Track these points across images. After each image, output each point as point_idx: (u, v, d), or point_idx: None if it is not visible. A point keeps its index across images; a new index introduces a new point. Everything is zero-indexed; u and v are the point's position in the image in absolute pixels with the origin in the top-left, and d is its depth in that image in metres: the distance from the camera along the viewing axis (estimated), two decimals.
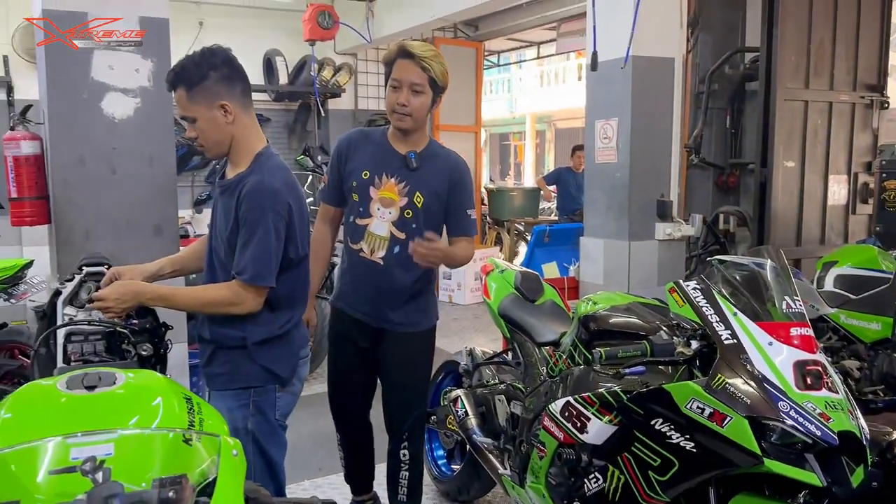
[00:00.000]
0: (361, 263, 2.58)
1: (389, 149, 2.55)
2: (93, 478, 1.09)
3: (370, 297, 2.60)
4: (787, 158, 4.44)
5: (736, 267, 2.17)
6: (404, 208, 2.53)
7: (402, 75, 2.43)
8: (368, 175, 2.53)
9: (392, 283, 2.58)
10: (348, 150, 2.60)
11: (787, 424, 1.77)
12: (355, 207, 2.57)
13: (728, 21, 4.93)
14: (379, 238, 2.55)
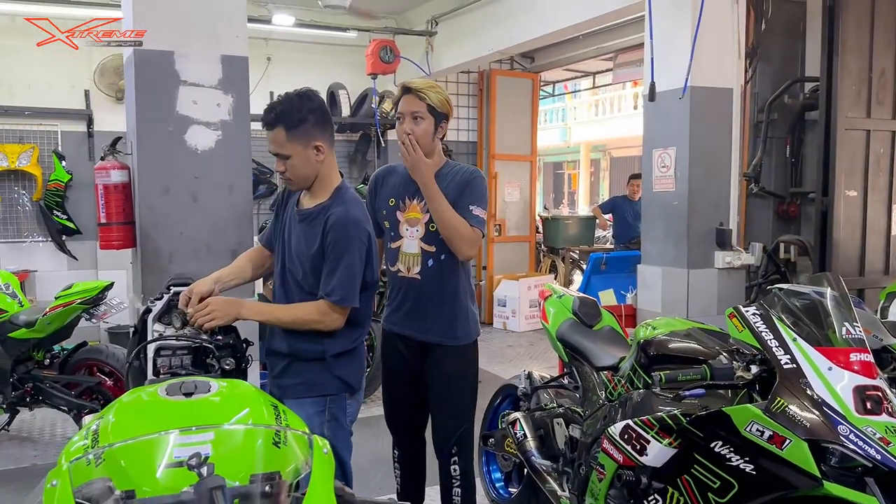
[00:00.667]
0: (401, 282, 2.76)
1: (408, 177, 2.71)
2: (198, 472, 1.20)
3: (413, 311, 2.76)
4: (849, 188, 4.40)
5: (796, 295, 2.20)
6: (428, 223, 2.69)
7: (404, 108, 2.66)
8: (394, 202, 2.77)
9: (431, 296, 2.73)
10: (376, 186, 2.84)
11: (847, 448, 1.79)
12: (388, 233, 2.79)
13: (787, 51, 4.93)
14: (411, 255, 2.73)
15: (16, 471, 4.12)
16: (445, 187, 2.67)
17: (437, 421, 2.86)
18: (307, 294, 2.30)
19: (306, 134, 2.23)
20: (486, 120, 8.31)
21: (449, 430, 2.82)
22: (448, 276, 2.71)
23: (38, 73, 6.63)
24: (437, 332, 2.75)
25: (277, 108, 2.22)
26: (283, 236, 2.41)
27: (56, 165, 6.89)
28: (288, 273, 2.37)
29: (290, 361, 2.32)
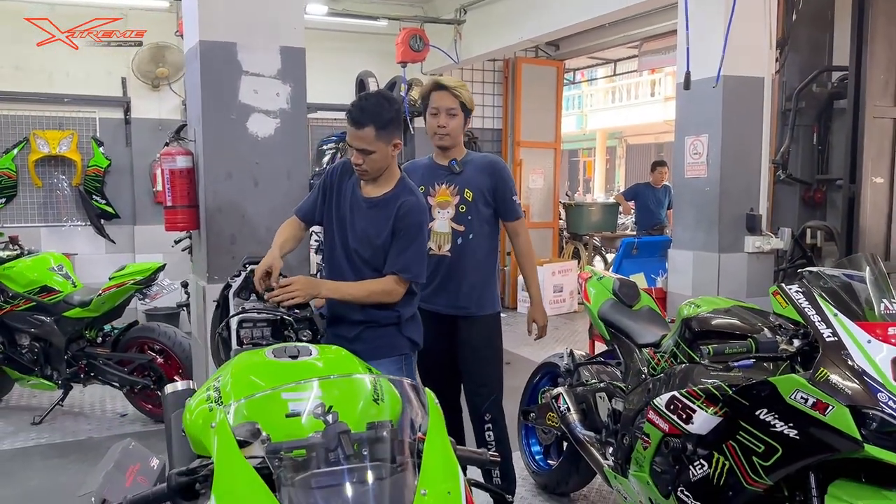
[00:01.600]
0: (432, 260, 2.95)
1: (435, 165, 3.07)
2: (324, 419, 1.37)
3: (441, 287, 3.01)
4: (876, 175, 4.51)
5: (832, 277, 2.34)
6: (458, 204, 3.01)
7: (439, 103, 2.94)
8: (424, 188, 2.98)
9: (460, 271, 3.02)
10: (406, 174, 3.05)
11: (886, 413, 1.94)
12: None
13: (815, 41, 5.03)
14: (442, 234, 3.01)
15: (73, 443, 4.33)
16: (473, 173, 3.01)
17: (469, 389, 3.12)
18: (374, 271, 2.54)
19: (391, 134, 2.46)
20: (510, 107, 8.44)
21: (482, 396, 3.09)
22: (474, 253, 3.03)
23: (76, 62, 6.82)
24: (465, 305, 3.03)
25: (368, 108, 2.41)
26: (346, 219, 2.59)
27: (95, 151, 7.09)
28: (354, 253, 2.58)
29: (364, 328, 2.55)
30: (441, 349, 3.06)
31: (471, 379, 3.12)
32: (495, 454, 1.55)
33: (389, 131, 2.46)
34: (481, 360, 3.10)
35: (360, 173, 2.54)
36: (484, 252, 3.07)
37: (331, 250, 2.66)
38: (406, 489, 1.21)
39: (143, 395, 4.60)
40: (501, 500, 1.49)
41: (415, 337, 2.66)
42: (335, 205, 2.63)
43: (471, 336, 3.07)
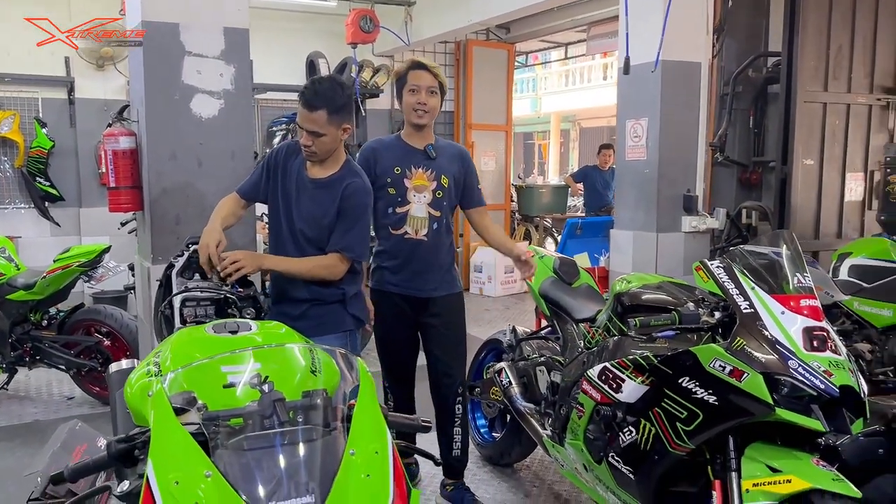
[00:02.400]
0: (407, 244, 3.02)
1: (409, 147, 3.05)
2: (260, 389, 1.44)
3: (419, 270, 3.06)
4: (807, 157, 4.72)
5: (756, 254, 2.49)
6: (435, 190, 3.04)
7: (420, 81, 2.96)
8: (400, 170, 3.01)
9: (436, 254, 3.08)
10: (375, 156, 3.05)
11: (796, 379, 2.09)
12: (392, 199, 3.02)
13: (752, 27, 5.21)
14: (420, 219, 3.03)
15: (19, 426, 4.30)
16: (447, 160, 3.07)
17: (444, 366, 3.17)
18: (318, 250, 2.61)
19: (342, 118, 2.53)
20: (462, 90, 8.49)
21: (457, 371, 3.20)
22: (445, 236, 3.13)
23: (17, 39, 6.62)
24: (440, 286, 3.11)
25: (322, 92, 2.47)
26: (292, 199, 2.64)
27: (38, 132, 6.92)
28: (299, 232, 2.64)
29: (310, 305, 2.62)
30: (407, 335, 3.16)
31: (446, 354, 3.18)
32: (427, 420, 1.64)
33: (341, 116, 2.53)
34: (457, 335, 3.21)
35: (307, 155, 2.58)
36: (451, 236, 3.20)
37: (276, 229, 2.71)
38: (335, 450, 1.28)
39: (90, 377, 4.57)
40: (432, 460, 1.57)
41: (359, 314, 2.74)
42: (281, 185, 2.67)
43: (446, 313, 3.16)
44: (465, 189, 3.14)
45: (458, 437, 3.19)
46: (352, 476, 1.24)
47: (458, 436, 3.18)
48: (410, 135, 3.08)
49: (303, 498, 1.18)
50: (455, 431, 3.18)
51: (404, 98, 3.01)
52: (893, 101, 5.12)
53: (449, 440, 3.19)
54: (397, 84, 3.07)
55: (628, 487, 2.51)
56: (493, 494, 3.41)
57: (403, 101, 3.02)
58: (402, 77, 3.02)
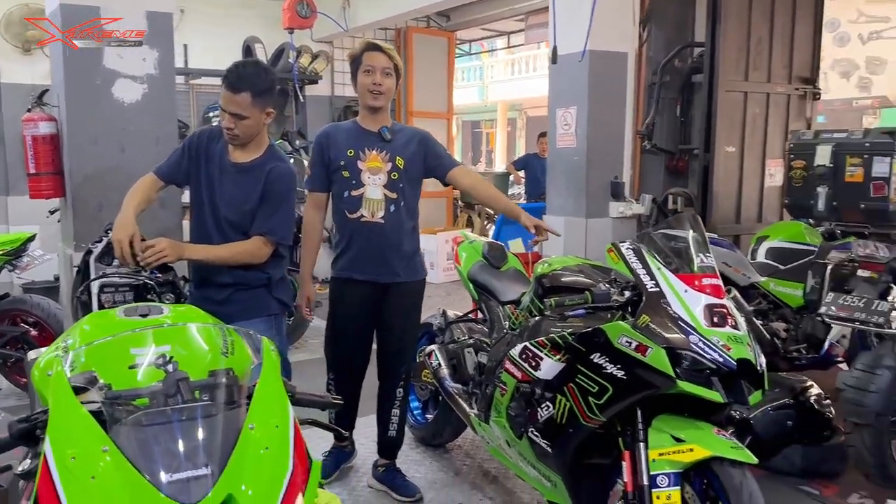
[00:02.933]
0: (364, 228, 3.00)
1: (363, 130, 3.03)
2: (165, 369, 1.47)
3: (377, 255, 3.02)
4: (728, 144, 4.90)
5: (667, 237, 2.60)
6: (390, 171, 3.00)
7: (375, 62, 2.92)
8: (353, 152, 2.98)
9: (394, 238, 3.03)
10: (328, 141, 3.02)
11: (697, 353, 2.21)
12: (347, 182, 2.99)
13: (679, 17, 5.36)
14: (375, 201, 2.99)
15: None
16: (403, 142, 3.04)
17: (392, 350, 3.19)
18: (241, 234, 2.61)
19: (266, 102, 2.54)
20: (403, 77, 8.49)
21: (403, 356, 3.23)
22: (406, 220, 3.07)
23: None
24: (399, 271, 3.07)
25: (245, 75, 2.48)
26: (214, 183, 2.64)
27: None
28: (222, 217, 2.64)
29: (234, 290, 2.63)
30: (364, 325, 3.13)
31: (397, 339, 3.18)
32: (338, 397, 1.69)
33: (265, 99, 2.54)
34: (412, 320, 3.22)
35: (230, 138, 2.58)
36: (413, 220, 3.13)
37: (199, 215, 2.70)
38: (235, 425, 1.32)
39: (16, 368, 4.46)
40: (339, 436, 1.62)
41: (284, 298, 2.77)
42: (203, 169, 2.67)
43: (404, 299, 3.13)
44: (432, 162, 3.08)
45: (396, 419, 3.25)
46: (250, 449, 1.28)
47: (395, 417, 3.25)
48: (365, 118, 3.05)
49: (200, 470, 1.22)
50: (394, 413, 3.24)
51: (359, 79, 2.96)
52: (810, 90, 5.36)
53: (387, 421, 3.24)
54: (352, 66, 3.02)
55: (547, 460, 2.60)
56: (425, 474, 3.48)
57: (358, 83, 2.98)
58: (356, 59, 2.98)
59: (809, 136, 3.23)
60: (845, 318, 3.15)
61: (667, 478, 2.19)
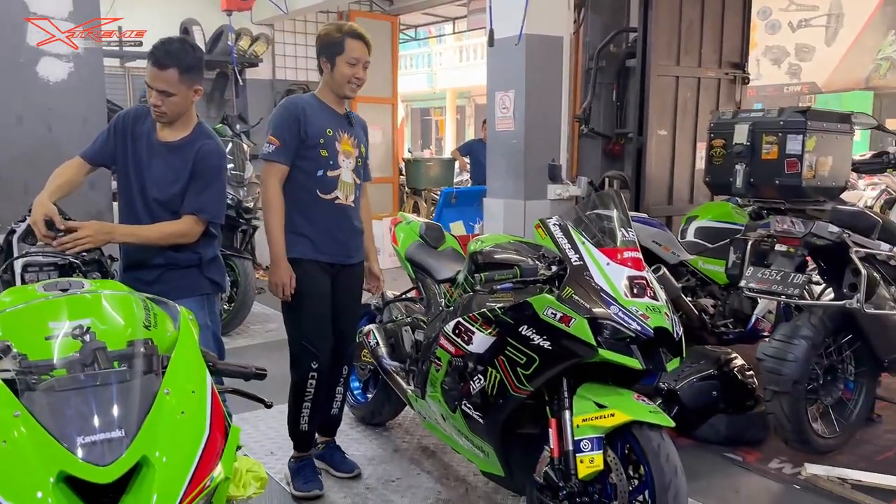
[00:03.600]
0: (337, 209, 2.98)
1: (334, 111, 2.99)
2: (81, 339, 1.46)
3: (343, 237, 3.04)
4: (661, 128, 5.04)
5: (595, 215, 2.69)
6: (357, 157, 3.03)
7: (360, 55, 2.88)
8: (332, 132, 2.94)
9: (357, 222, 3.11)
10: (305, 114, 2.90)
11: (617, 323, 2.30)
12: (324, 162, 2.93)
13: (614, 3, 5.47)
14: (349, 185, 3.01)
15: None
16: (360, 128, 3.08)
17: (344, 327, 3.19)
18: (171, 214, 2.59)
19: (193, 78, 2.52)
20: None
21: (353, 334, 3.30)
22: (361, 203, 3.15)
23: None
24: (356, 252, 3.14)
25: (172, 51, 2.46)
26: (143, 163, 2.62)
27: None
28: (151, 197, 2.61)
29: (165, 270, 2.61)
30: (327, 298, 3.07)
31: (349, 318, 3.22)
32: (261, 368, 1.71)
33: (192, 75, 2.52)
34: (359, 300, 3.27)
35: (158, 115, 2.56)
36: None
37: (127, 195, 2.66)
38: (151, 391, 1.34)
39: None
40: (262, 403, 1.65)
41: (217, 278, 2.75)
42: (130, 150, 2.63)
43: (357, 280, 3.19)
44: (363, 160, 3.12)
45: (339, 397, 3.29)
46: (165, 413, 1.30)
47: (339, 395, 3.28)
48: (333, 101, 2.99)
49: (113, 433, 1.24)
50: (338, 391, 3.28)
51: (340, 68, 2.87)
52: (740, 75, 5.55)
53: (331, 400, 3.26)
54: (327, 48, 2.89)
55: (479, 432, 2.68)
56: (364, 452, 3.53)
57: (337, 70, 2.88)
58: (336, 43, 2.86)
59: (728, 116, 3.35)
60: (764, 290, 3.30)
61: (590, 442, 2.29)
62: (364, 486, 3.18)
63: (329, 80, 2.94)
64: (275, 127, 2.90)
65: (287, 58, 8.21)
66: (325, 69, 2.92)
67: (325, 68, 2.92)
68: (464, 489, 3.15)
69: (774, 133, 3.07)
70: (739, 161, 3.17)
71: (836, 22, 8.62)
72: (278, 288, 2.94)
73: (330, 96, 2.98)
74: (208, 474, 1.30)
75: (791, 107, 3.11)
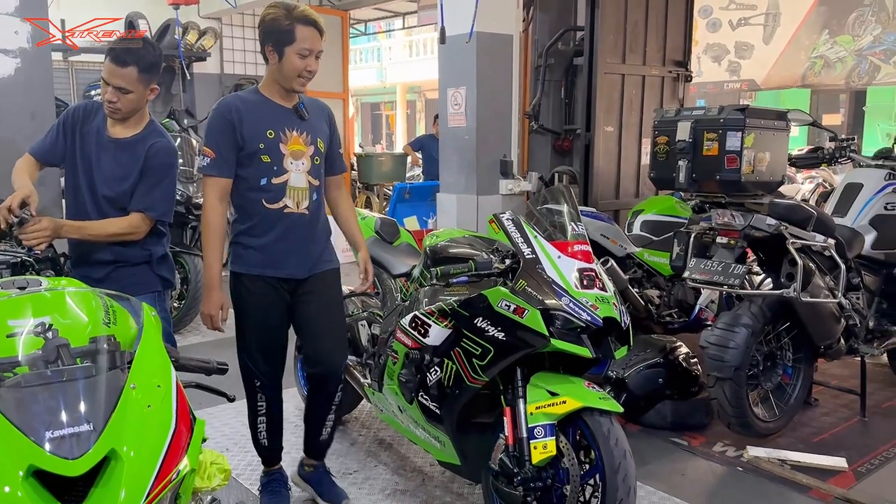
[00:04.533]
0: (287, 219, 2.64)
1: (278, 106, 2.61)
2: (44, 336, 1.48)
3: (300, 248, 2.68)
4: (608, 124, 5.19)
5: (547, 210, 2.78)
6: (313, 155, 2.66)
7: (313, 45, 2.53)
8: (273, 134, 2.58)
9: (316, 229, 2.74)
10: (240, 117, 2.57)
11: (568, 313, 2.39)
12: (267, 168, 2.59)
13: (562, 2, 5.59)
14: (300, 190, 2.64)
15: None
16: (317, 118, 2.69)
17: (324, 350, 2.81)
18: (120, 211, 2.58)
19: (151, 77, 2.52)
20: None
21: (339, 354, 2.85)
22: (323, 208, 2.80)
23: None
24: (317, 262, 2.77)
25: (133, 49, 2.45)
26: (91, 160, 2.60)
27: None
28: (100, 194, 2.60)
29: (114, 267, 2.59)
30: (280, 321, 2.76)
31: (329, 335, 2.82)
32: (223, 362, 1.74)
33: (150, 74, 2.52)
34: (338, 312, 2.87)
35: (111, 111, 2.54)
36: (324, 206, 2.83)
37: (74, 191, 2.64)
38: (117, 385, 1.36)
39: None
40: (224, 397, 1.68)
41: (167, 275, 2.75)
42: (79, 146, 2.61)
43: (329, 289, 2.81)
44: (330, 151, 2.77)
45: (329, 423, 2.96)
46: (132, 407, 1.33)
47: (330, 421, 2.96)
48: (280, 94, 2.62)
49: (82, 427, 1.26)
50: (329, 417, 2.94)
51: (289, 59, 2.51)
52: (682, 73, 5.74)
53: (320, 425, 2.94)
54: (274, 35, 2.51)
55: (436, 422, 2.74)
56: None
57: (286, 62, 2.51)
58: (285, 31, 2.49)
59: (671, 114, 3.48)
60: (706, 281, 3.44)
61: (543, 429, 2.37)
62: None
63: (275, 73, 2.58)
64: (208, 136, 2.61)
65: (235, 52, 8.13)
66: (272, 59, 2.55)
67: (270, 58, 2.56)
68: (420, 479, 3.21)
69: (715, 130, 3.21)
70: (682, 157, 3.30)
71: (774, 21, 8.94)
72: (207, 319, 2.66)
73: (276, 90, 2.62)
74: (175, 466, 1.33)
75: (730, 105, 3.26)
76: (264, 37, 2.54)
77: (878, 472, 3.29)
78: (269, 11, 2.53)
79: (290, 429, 3.71)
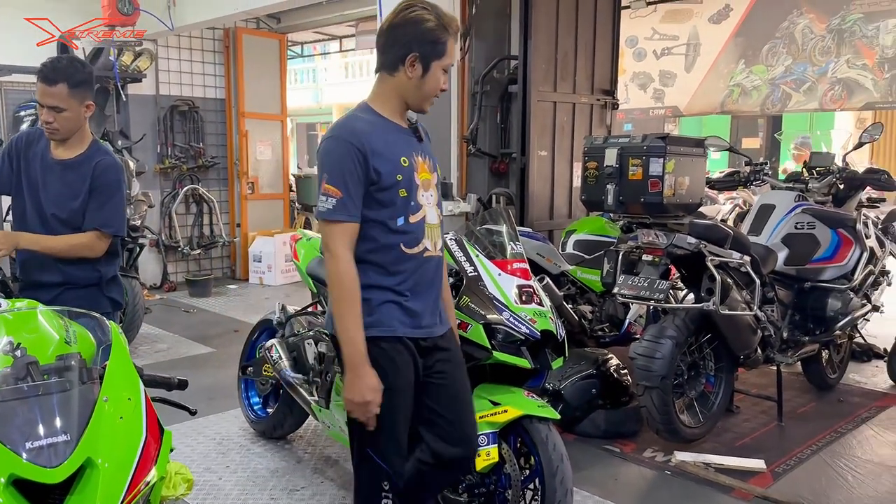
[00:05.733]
0: (428, 265, 2.12)
1: (399, 126, 2.10)
2: (12, 355, 1.53)
3: (435, 299, 2.18)
4: (541, 149, 5.44)
5: (487, 231, 2.95)
6: (437, 184, 2.18)
7: (455, 60, 2.28)
8: (408, 162, 2.05)
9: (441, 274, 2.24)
10: (370, 142, 1.98)
11: (508, 327, 2.56)
12: (404, 205, 2.04)
13: (497, 31, 5.82)
14: (435, 228, 2.15)
15: None
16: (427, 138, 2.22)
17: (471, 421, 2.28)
18: (72, 229, 2.61)
19: (84, 93, 2.55)
20: (233, 78, 8.40)
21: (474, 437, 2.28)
22: None
23: None
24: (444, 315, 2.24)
25: (60, 67, 2.49)
26: (38, 184, 2.64)
27: None
28: (50, 216, 2.63)
29: (64, 289, 2.61)
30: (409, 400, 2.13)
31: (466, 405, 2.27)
32: (184, 378, 1.82)
33: (82, 90, 2.56)
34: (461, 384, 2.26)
35: (50, 133, 2.58)
36: None
37: (22, 217, 2.66)
38: (90, 399, 1.43)
39: None
40: (186, 410, 1.76)
41: (117, 297, 2.79)
42: (24, 172, 2.64)
43: (454, 349, 2.24)
44: None
45: None
46: (105, 418, 1.40)
47: None
48: (394, 111, 2.09)
49: (59, 437, 1.33)
50: None
51: (434, 74, 2.03)
52: (610, 101, 6.06)
53: None
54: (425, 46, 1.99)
55: None
56: (267, 465, 3.60)
57: (430, 77, 2.02)
58: (439, 43, 2.00)
59: (599, 141, 3.72)
60: (634, 296, 3.67)
61: (486, 437, 2.52)
62: (269, 497, 3.27)
63: (409, 87, 2.04)
64: (329, 170, 1.99)
65: (171, 73, 8.07)
66: (411, 71, 2.01)
67: (409, 70, 2.01)
68: None
69: (639, 157, 3.45)
70: (610, 181, 3.54)
71: (694, 51, 9.46)
72: (359, 408, 2.00)
73: (394, 106, 2.08)
74: (146, 475, 1.42)
75: (653, 133, 3.52)
76: (410, 42, 1.99)
77: (793, 471, 3.55)
78: (417, 13, 2.00)
79: (236, 449, 3.76)
